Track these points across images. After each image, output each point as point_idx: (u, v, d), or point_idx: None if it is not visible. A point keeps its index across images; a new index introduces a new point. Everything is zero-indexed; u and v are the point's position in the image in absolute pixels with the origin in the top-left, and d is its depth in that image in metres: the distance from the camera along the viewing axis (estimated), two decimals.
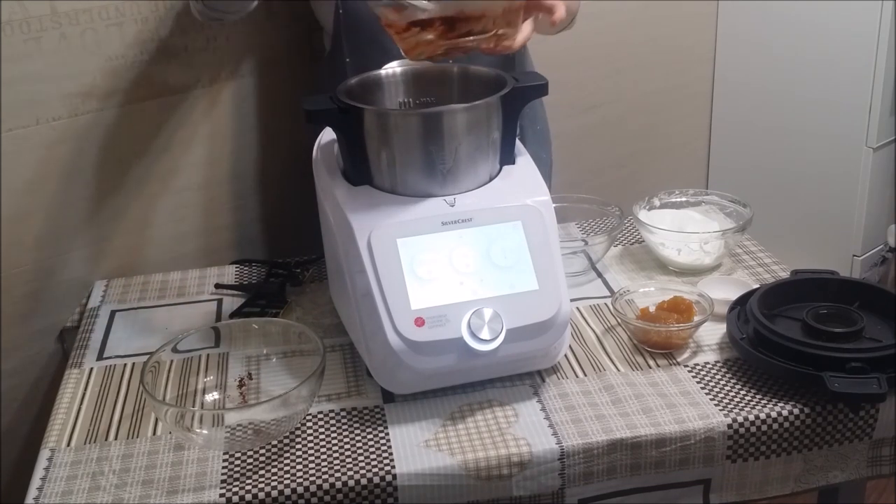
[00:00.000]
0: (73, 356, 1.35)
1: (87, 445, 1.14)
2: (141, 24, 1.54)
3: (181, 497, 1.04)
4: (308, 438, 1.13)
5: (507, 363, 1.17)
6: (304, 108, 1.20)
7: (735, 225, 1.47)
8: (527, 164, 1.28)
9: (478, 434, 1.12)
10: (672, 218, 1.52)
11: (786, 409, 1.13)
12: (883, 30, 2.10)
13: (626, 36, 2.24)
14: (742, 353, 1.22)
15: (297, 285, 1.50)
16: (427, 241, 1.15)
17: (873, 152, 2.21)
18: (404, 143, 1.18)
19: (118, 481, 1.07)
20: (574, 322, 1.34)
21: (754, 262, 1.49)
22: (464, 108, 1.19)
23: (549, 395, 1.18)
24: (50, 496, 1.06)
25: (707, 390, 1.18)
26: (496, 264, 1.15)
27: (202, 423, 1.12)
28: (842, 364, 1.11)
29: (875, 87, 2.15)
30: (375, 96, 1.32)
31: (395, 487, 1.06)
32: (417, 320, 1.10)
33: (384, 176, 1.20)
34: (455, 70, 1.35)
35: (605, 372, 1.23)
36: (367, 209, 1.17)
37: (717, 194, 1.59)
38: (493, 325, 1.11)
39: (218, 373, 1.26)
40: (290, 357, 1.26)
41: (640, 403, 1.15)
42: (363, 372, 1.24)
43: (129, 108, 1.56)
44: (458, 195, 1.19)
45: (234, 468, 1.08)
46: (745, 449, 1.13)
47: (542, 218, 1.19)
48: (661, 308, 1.29)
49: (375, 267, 1.12)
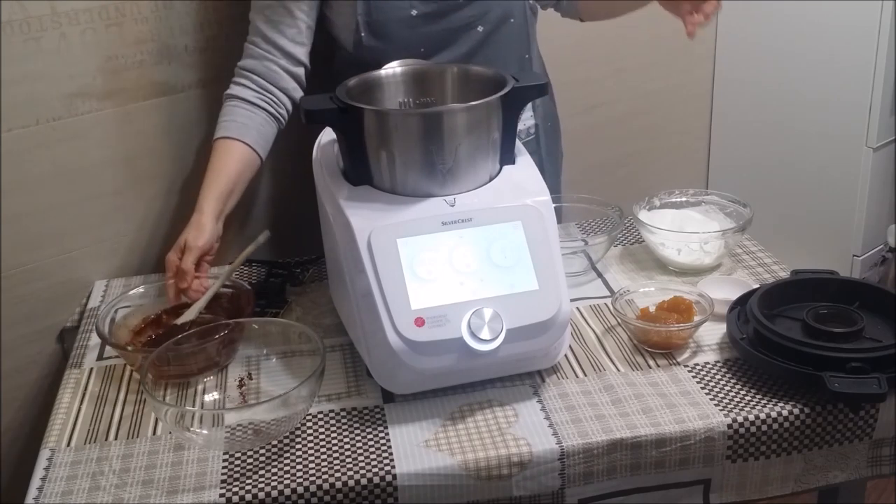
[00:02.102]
0: (73, 356, 1.35)
1: (87, 445, 1.14)
2: (141, 24, 1.54)
3: (181, 497, 1.04)
4: (308, 438, 1.13)
5: (507, 363, 1.17)
6: (304, 107, 1.20)
7: (735, 225, 1.47)
8: (527, 164, 1.28)
9: (478, 434, 1.11)
10: (672, 218, 1.52)
11: (786, 409, 1.13)
12: (883, 30, 2.10)
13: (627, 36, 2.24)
14: (742, 353, 1.22)
15: (297, 285, 1.50)
16: (427, 241, 1.15)
17: (873, 152, 2.21)
18: (404, 143, 1.18)
19: (118, 481, 1.07)
20: (574, 322, 1.34)
21: (754, 262, 1.49)
22: (464, 108, 1.19)
23: (549, 395, 1.18)
24: (50, 496, 1.06)
25: (707, 390, 1.18)
26: (496, 264, 1.15)
27: (202, 423, 1.12)
28: (842, 364, 1.11)
29: (875, 87, 2.15)
30: (375, 96, 1.32)
31: (395, 487, 1.06)
32: (417, 320, 1.10)
33: (384, 176, 1.20)
34: (455, 70, 1.35)
35: (605, 372, 1.23)
36: (367, 209, 1.17)
37: (717, 194, 1.59)
38: (493, 325, 1.11)
39: (218, 373, 1.26)
40: (290, 357, 1.26)
41: (640, 403, 1.15)
42: (363, 372, 1.24)
43: (129, 108, 1.56)
44: (458, 195, 1.19)
45: (234, 468, 1.08)
46: (745, 449, 1.13)
47: (542, 218, 1.19)
48: (661, 308, 1.29)
49: (375, 267, 1.12)
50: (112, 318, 1.33)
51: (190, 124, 1.64)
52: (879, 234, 2.33)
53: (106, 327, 1.30)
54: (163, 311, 1.37)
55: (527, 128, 1.63)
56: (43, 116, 1.48)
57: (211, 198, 1.40)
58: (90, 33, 1.49)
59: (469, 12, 1.48)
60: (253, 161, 1.46)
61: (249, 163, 1.45)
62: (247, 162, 1.45)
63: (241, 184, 1.45)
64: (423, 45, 1.47)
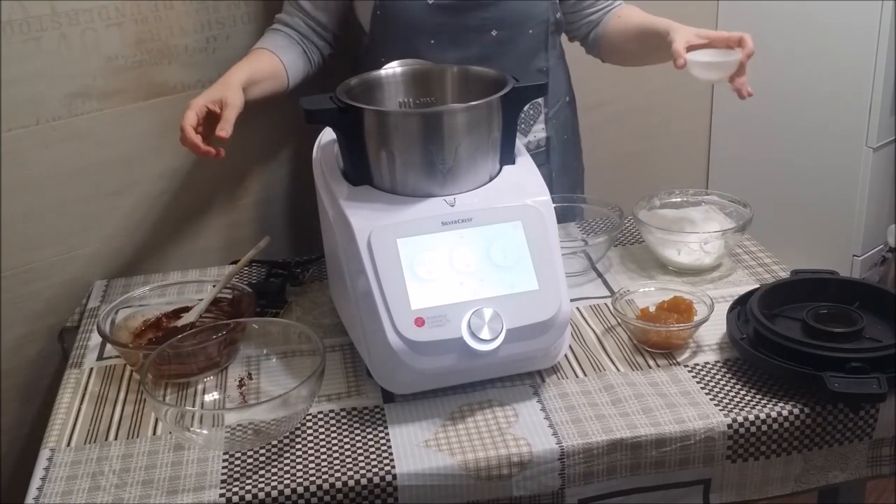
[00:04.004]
0: (73, 356, 1.35)
1: (87, 445, 1.14)
2: (141, 24, 1.54)
3: (181, 497, 1.04)
4: (308, 438, 1.13)
5: (507, 363, 1.17)
6: (304, 107, 1.20)
7: (735, 225, 1.47)
8: (527, 164, 1.28)
9: (478, 434, 1.11)
10: (672, 218, 1.52)
11: (786, 409, 1.13)
12: (883, 30, 2.10)
13: None
14: (742, 353, 1.22)
15: (297, 285, 1.50)
16: (427, 241, 1.15)
17: (873, 152, 2.21)
18: (404, 143, 1.18)
19: (118, 481, 1.07)
20: (574, 322, 1.34)
21: (754, 262, 1.49)
22: (464, 108, 1.20)
23: (549, 395, 1.18)
24: (50, 496, 1.06)
25: (707, 390, 1.18)
26: (496, 264, 1.15)
27: (202, 423, 1.12)
28: (842, 364, 1.11)
29: (875, 87, 2.15)
30: (375, 96, 1.32)
31: (395, 487, 1.06)
32: (417, 320, 1.10)
33: (384, 176, 1.20)
34: (455, 70, 1.35)
35: (605, 372, 1.23)
36: (367, 209, 1.17)
37: (717, 194, 1.59)
38: (493, 325, 1.11)
39: (218, 373, 1.26)
40: (290, 357, 1.26)
41: (640, 403, 1.15)
42: (363, 372, 1.24)
43: (129, 108, 1.56)
44: (458, 195, 1.19)
45: (234, 468, 1.08)
46: (745, 449, 1.13)
47: (542, 218, 1.19)
48: (661, 308, 1.29)
49: (375, 267, 1.12)
50: (112, 320, 1.33)
51: None
52: (879, 234, 2.33)
53: (107, 328, 1.30)
54: (163, 314, 1.37)
55: (537, 140, 1.63)
56: (43, 116, 1.48)
57: (239, 70, 1.43)
58: (90, 33, 1.49)
59: (485, 14, 1.48)
60: (282, 76, 1.50)
61: (279, 75, 1.50)
62: (277, 72, 1.50)
63: (266, 83, 1.48)
64: (435, 37, 1.47)
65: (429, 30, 1.47)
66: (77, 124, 1.51)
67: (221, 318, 1.35)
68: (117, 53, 1.53)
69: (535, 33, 1.54)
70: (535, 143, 1.62)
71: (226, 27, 1.62)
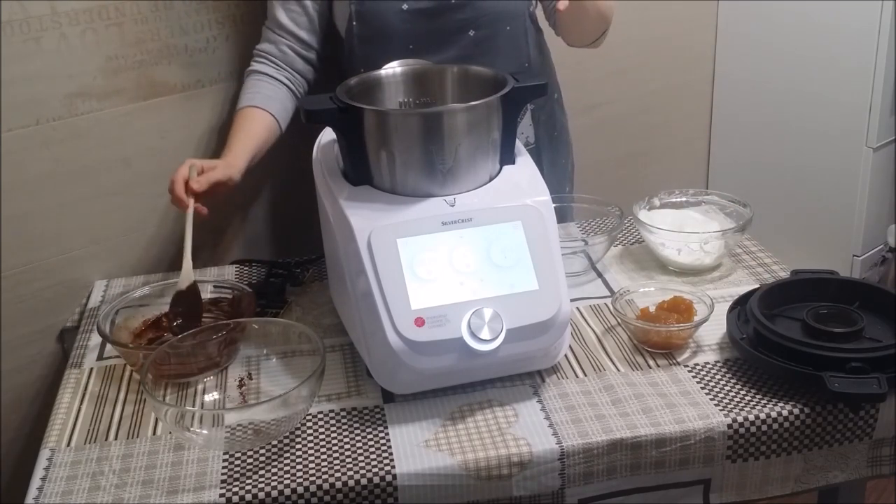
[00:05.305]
0: (73, 356, 1.35)
1: (87, 445, 1.14)
2: (141, 24, 1.54)
3: (181, 497, 1.04)
4: (308, 438, 1.13)
5: (507, 363, 1.17)
6: (304, 107, 1.20)
7: (735, 225, 1.47)
8: (527, 164, 1.28)
9: (478, 434, 1.11)
10: (672, 218, 1.52)
11: (786, 409, 1.13)
12: (883, 30, 2.10)
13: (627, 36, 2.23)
14: (742, 353, 1.22)
15: (297, 285, 1.50)
16: (427, 241, 1.15)
17: (873, 152, 2.21)
18: (404, 143, 1.18)
19: (118, 481, 1.07)
20: (574, 322, 1.34)
21: (754, 262, 1.49)
22: (464, 108, 1.20)
23: (549, 395, 1.18)
24: (50, 496, 1.06)
25: (707, 390, 1.18)
26: (496, 264, 1.15)
27: (202, 423, 1.12)
28: (842, 364, 1.11)
29: (875, 87, 2.15)
30: (375, 96, 1.32)
31: (395, 487, 1.06)
32: (417, 320, 1.10)
33: (384, 176, 1.20)
34: (455, 70, 1.35)
35: (605, 372, 1.23)
36: (367, 209, 1.17)
37: (717, 194, 1.59)
38: (493, 325, 1.11)
39: (218, 373, 1.26)
40: (290, 357, 1.26)
41: (640, 403, 1.15)
42: (363, 372, 1.24)
43: (129, 108, 1.56)
44: (458, 195, 1.19)
45: (234, 468, 1.08)
46: (745, 449, 1.13)
47: (542, 218, 1.19)
48: (661, 308, 1.29)
49: (375, 267, 1.12)
50: (112, 320, 1.33)
51: (190, 124, 1.64)
52: (879, 234, 2.33)
53: (107, 329, 1.30)
54: (163, 314, 1.37)
55: (525, 137, 1.62)
56: (43, 116, 1.48)
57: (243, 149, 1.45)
58: (90, 33, 1.49)
59: (461, 15, 1.48)
60: (275, 130, 1.52)
61: (273, 131, 1.52)
62: (271, 130, 1.51)
63: (263, 150, 1.50)
64: (413, 42, 1.47)
65: (406, 35, 1.47)
66: (77, 124, 1.51)
67: (221, 318, 1.35)
68: (117, 53, 1.53)
69: (512, 30, 1.53)
70: (522, 141, 1.62)
71: (226, 27, 1.63)
